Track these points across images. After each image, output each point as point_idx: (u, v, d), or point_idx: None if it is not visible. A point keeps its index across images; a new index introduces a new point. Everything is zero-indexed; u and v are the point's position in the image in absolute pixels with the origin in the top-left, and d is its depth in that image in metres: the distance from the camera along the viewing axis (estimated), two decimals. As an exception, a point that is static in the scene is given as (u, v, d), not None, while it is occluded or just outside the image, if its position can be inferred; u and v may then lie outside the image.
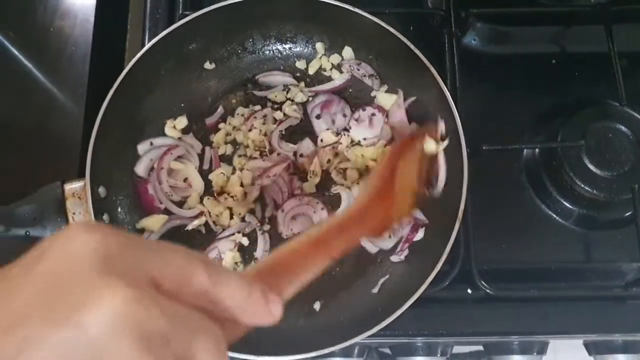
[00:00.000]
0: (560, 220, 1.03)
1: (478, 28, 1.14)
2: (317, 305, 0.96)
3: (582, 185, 0.97)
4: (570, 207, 1.02)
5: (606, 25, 1.06)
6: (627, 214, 1.01)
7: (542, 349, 1.00)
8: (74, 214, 0.86)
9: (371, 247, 0.99)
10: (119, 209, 0.96)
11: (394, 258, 0.98)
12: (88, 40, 1.11)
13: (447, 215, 0.91)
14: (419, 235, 0.98)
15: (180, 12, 1.07)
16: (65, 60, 1.10)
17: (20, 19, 1.13)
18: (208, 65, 1.06)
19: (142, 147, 1.01)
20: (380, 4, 1.06)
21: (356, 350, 1.01)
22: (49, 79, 1.09)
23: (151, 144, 1.01)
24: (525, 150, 1.06)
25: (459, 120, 0.92)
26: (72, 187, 0.88)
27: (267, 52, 1.08)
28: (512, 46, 1.17)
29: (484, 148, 0.97)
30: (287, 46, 1.08)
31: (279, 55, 1.09)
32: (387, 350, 1.08)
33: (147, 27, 1.11)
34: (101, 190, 0.92)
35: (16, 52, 1.10)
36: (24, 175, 1.01)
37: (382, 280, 0.97)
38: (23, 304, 0.39)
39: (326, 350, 0.85)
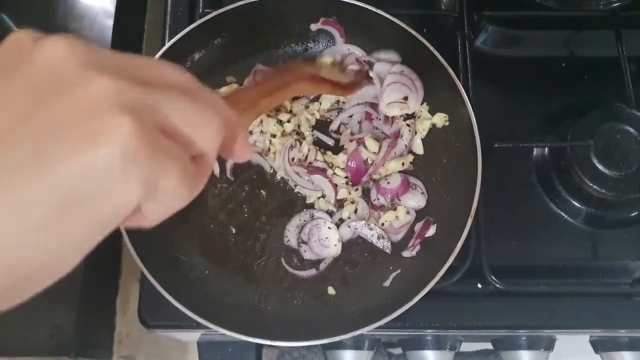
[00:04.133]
0: (568, 218, 1.05)
1: (490, 31, 1.16)
2: (331, 292, 0.98)
3: (591, 185, 0.99)
4: (579, 205, 1.04)
5: (615, 30, 1.09)
6: (634, 213, 1.04)
7: (549, 345, 1.01)
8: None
9: (387, 246, 1.01)
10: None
11: (406, 253, 1.00)
12: (107, 40, 1.14)
13: (459, 213, 0.93)
14: (431, 231, 0.99)
15: (201, 10, 1.10)
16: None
17: (40, 19, 1.15)
18: (231, 59, 1.08)
19: None
20: (394, 5, 1.08)
21: (366, 343, 1.03)
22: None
23: None
24: (535, 149, 1.08)
25: (474, 121, 0.94)
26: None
27: (290, 49, 1.10)
28: (523, 49, 1.20)
29: (496, 146, 0.99)
30: (310, 44, 1.10)
31: (302, 52, 1.11)
32: (397, 350, 1.10)
33: (167, 25, 1.12)
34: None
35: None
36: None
37: (393, 275, 0.98)
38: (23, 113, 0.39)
39: (336, 339, 0.87)
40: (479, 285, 0.99)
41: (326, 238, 1.00)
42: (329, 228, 1.00)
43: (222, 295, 0.97)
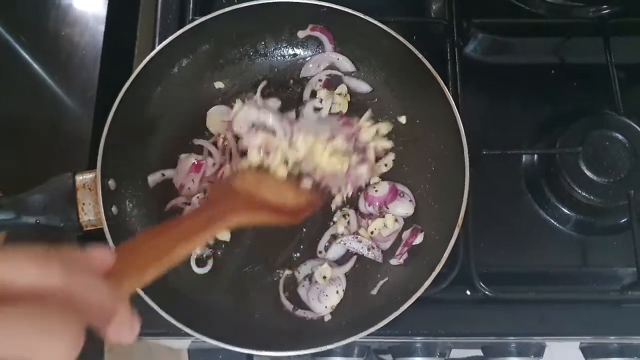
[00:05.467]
0: (558, 225, 1.05)
1: (480, 38, 1.17)
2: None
3: (580, 192, 0.99)
4: (568, 212, 1.04)
5: (604, 38, 1.09)
6: (622, 220, 1.04)
7: (539, 352, 1.01)
8: (83, 204, 0.88)
9: (379, 256, 1.00)
10: (128, 202, 0.98)
11: (393, 261, 1.00)
12: (98, 45, 1.13)
13: (447, 221, 0.93)
14: (419, 239, 0.99)
15: (191, 17, 1.10)
16: (76, 65, 1.12)
17: (32, 24, 1.15)
18: (219, 65, 1.08)
19: (152, 179, 1.02)
20: (384, 12, 1.08)
21: (356, 351, 1.02)
22: (59, 82, 1.11)
23: (162, 175, 1.02)
24: (524, 156, 1.09)
25: (462, 128, 0.94)
26: (83, 178, 0.90)
27: (279, 55, 1.10)
28: (513, 56, 1.21)
29: (484, 152, 0.99)
30: (298, 50, 1.10)
31: (290, 58, 1.11)
32: (388, 357, 1.09)
33: (157, 32, 1.13)
34: (111, 183, 0.93)
35: (27, 56, 1.12)
36: (34, 173, 1.03)
37: (381, 283, 0.99)
38: None
39: (325, 348, 0.87)
40: (468, 293, 0.99)
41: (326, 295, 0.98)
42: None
43: (210, 304, 0.96)
